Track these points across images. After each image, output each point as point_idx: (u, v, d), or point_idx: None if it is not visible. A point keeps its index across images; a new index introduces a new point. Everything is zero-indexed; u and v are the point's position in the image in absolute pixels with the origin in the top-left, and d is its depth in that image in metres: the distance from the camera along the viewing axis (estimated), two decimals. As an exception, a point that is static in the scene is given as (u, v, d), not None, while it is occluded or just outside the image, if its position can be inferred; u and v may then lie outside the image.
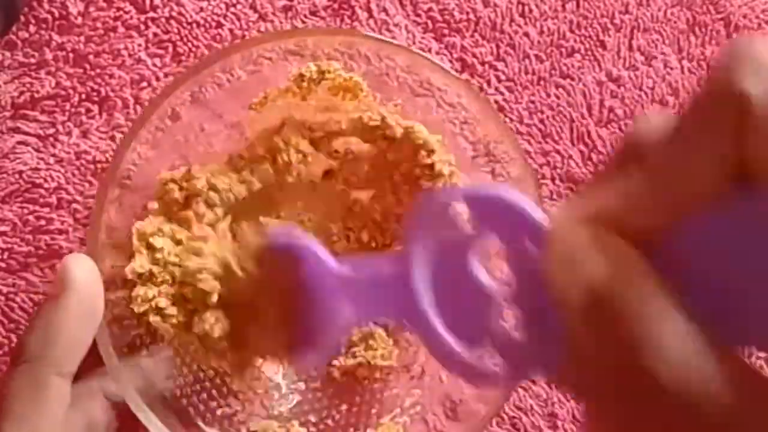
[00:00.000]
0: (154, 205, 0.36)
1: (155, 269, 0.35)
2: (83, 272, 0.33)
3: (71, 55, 0.42)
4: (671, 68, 0.46)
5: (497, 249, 0.26)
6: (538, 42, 0.45)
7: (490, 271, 0.27)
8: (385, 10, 0.44)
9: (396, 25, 0.44)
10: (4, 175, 0.41)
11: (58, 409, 0.32)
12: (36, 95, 0.41)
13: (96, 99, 0.42)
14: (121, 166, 0.34)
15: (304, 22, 0.44)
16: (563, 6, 0.45)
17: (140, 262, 0.35)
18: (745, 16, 0.47)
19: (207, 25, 0.43)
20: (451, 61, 0.44)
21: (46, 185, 0.41)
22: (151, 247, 0.35)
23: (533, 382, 0.43)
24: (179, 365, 0.37)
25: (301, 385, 0.41)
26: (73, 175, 0.41)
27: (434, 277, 0.28)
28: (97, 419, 0.34)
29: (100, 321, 0.33)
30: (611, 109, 0.45)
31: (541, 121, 0.45)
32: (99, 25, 0.42)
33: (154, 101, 0.34)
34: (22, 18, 0.41)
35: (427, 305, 0.28)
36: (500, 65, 0.45)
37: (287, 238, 0.35)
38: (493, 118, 0.36)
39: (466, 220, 0.26)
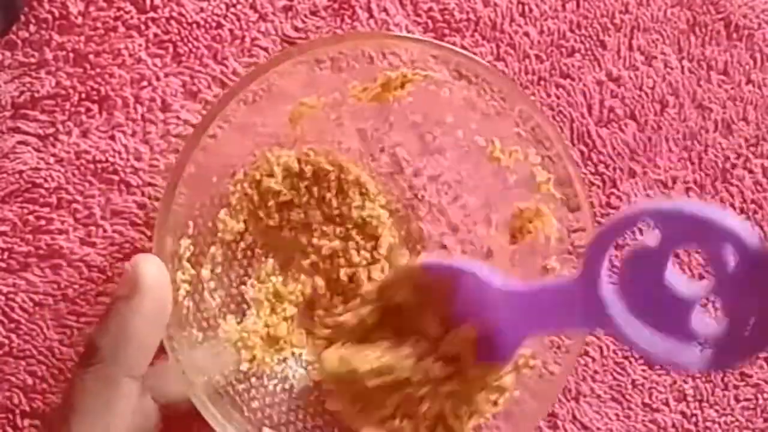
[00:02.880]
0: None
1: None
2: (154, 273, 0.33)
3: (71, 54, 0.42)
4: (671, 68, 0.46)
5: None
6: (538, 42, 0.45)
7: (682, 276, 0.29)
8: (385, 10, 0.44)
9: (396, 25, 0.44)
10: (4, 175, 0.41)
11: (128, 411, 0.32)
12: (36, 95, 0.41)
13: (96, 98, 0.42)
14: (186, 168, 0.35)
15: (304, 22, 0.44)
16: (563, 6, 0.45)
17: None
18: (745, 16, 0.47)
19: (207, 25, 0.43)
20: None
21: (46, 185, 0.41)
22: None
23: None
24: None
25: None
26: (73, 174, 0.41)
27: (622, 288, 0.30)
28: (149, 419, 0.34)
29: (167, 321, 0.33)
30: (611, 109, 0.45)
31: (542, 121, 0.45)
32: (99, 24, 0.42)
33: (195, 130, 0.35)
34: (22, 18, 0.41)
35: (617, 312, 0.30)
36: (500, 65, 0.45)
37: (444, 263, 0.37)
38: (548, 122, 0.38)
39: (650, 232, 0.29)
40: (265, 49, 0.43)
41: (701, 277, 0.46)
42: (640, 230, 0.31)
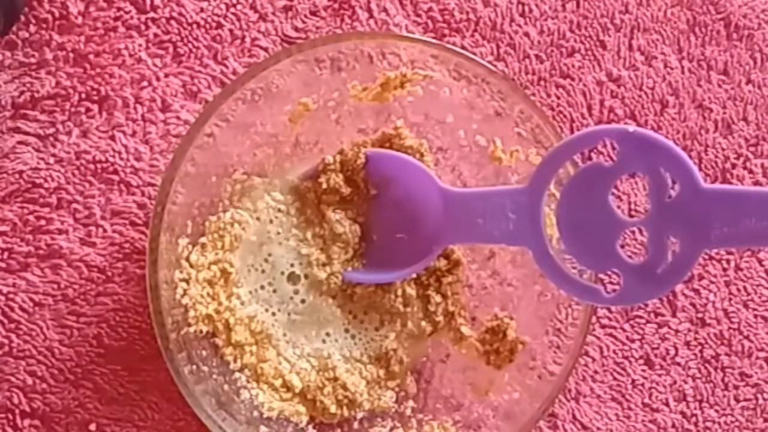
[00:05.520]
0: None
1: None
2: None
3: (71, 54, 0.42)
4: (671, 68, 0.46)
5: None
6: (538, 42, 0.45)
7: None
8: (385, 10, 0.44)
9: (396, 25, 0.44)
10: (4, 175, 0.41)
11: None
12: (36, 95, 0.41)
13: (96, 98, 0.42)
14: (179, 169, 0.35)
15: (304, 22, 0.44)
16: (563, 6, 0.45)
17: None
18: (745, 16, 0.47)
19: (207, 25, 0.43)
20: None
21: (46, 185, 0.41)
22: None
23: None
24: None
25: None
26: (73, 175, 0.41)
27: (563, 207, 0.32)
28: None
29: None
30: (611, 109, 0.46)
31: (542, 121, 0.45)
32: (99, 25, 0.42)
33: (192, 128, 0.35)
34: (23, 18, 0.41)
35: (547, 231, 0.32)
36: (500, 65, 0.45)
37: (393, 153, 0.39)
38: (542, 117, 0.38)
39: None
40: (265, 49, 0.43)
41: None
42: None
